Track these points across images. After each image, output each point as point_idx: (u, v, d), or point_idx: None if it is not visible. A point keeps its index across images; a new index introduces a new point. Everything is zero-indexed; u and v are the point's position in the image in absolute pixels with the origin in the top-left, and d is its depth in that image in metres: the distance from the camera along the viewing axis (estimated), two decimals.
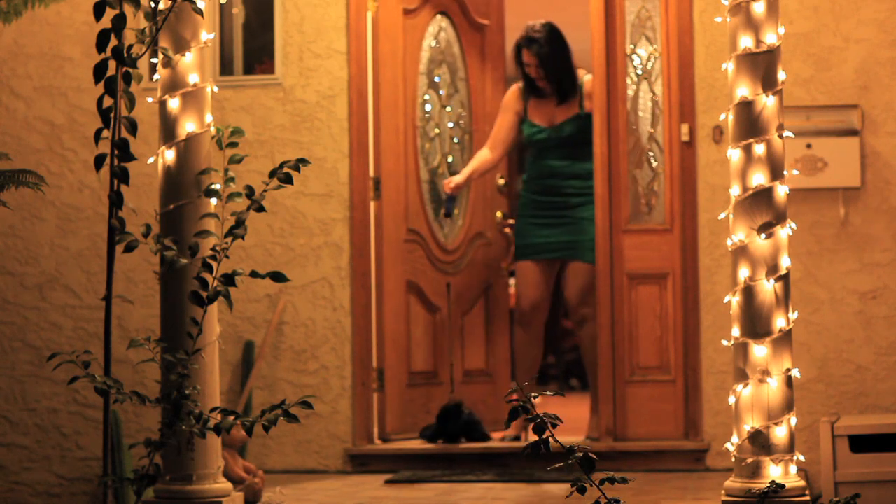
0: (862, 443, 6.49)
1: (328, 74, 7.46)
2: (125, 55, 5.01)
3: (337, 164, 7.44)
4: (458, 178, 7.58)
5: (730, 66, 5.27)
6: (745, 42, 5.22)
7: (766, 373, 5.16)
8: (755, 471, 5.15)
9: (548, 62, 7.50)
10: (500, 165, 8.00)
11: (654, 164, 7.35)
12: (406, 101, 7.70)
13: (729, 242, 5.25)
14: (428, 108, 7.88)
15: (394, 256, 7.53)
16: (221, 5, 7.38)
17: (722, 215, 5.37)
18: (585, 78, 7.57)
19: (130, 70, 5.04)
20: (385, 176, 7.51)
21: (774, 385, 5.16)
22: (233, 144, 5.19)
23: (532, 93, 7.61)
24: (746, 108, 5.21)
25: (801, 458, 5.24)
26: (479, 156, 7.68)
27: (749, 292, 5.19)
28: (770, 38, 5.22)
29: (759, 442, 5.15)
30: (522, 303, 7.62)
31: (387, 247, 7.50)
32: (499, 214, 8.09)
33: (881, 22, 7.12)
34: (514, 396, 4.58)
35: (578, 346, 8.05)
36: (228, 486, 5.38)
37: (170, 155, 5.30)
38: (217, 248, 5.08)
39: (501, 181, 8.10)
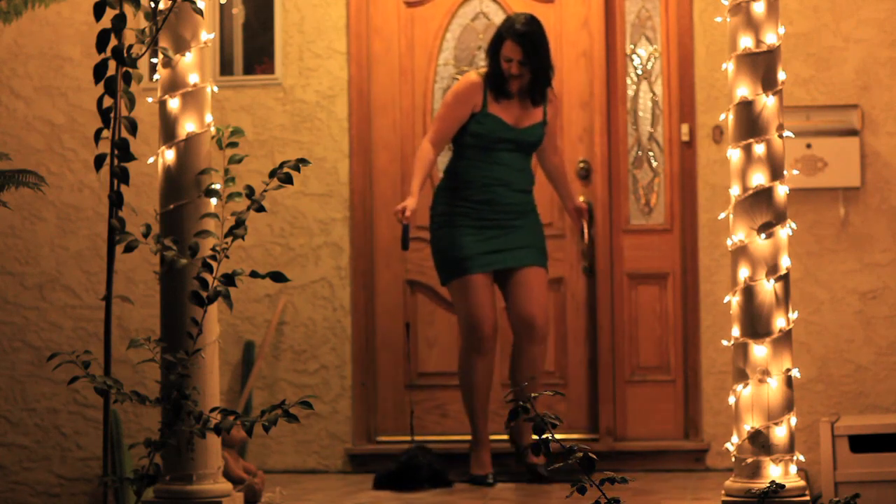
0: (862, 443, 6.49)
1: (328, 74, 7.46)
2: (125, 55, 5.01)
3: (337, 164, 7.44)
4: (411, 204, 6.50)
5: (730, 66, 5.27)
6: (745, 42, 5.22)
7: (766, 373, 5.15)
8: (755, 471, 5.15)
9: (534, 61, 6.64)
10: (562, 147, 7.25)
11: (654, 164, 7.35)
12: (414, 95, 7.59)
13: (729, 242, 5.25)
14: None
15: (387, 255, 7.50)
16: (221, 5, 7.38)
17: (722, 215, 5.37)
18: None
19: (130, 70, 5.04)
20: (378, 175, 7.49)
21: (774, 385, 5.16)
22: (233, 144, 5.19)
23: (494, 89, 6.69)
24: (746, 108, 5.21)
25: (801, 458, 5.23)
26: (424, 159, 6.66)
27: (749, 292, 5.18)
28: (770, 38, 5.22)
29: (759, 442, 5.15)
30: (483, 325, 6.60)
31: (378, 245, 7.47)
32: (580, 199, 7.20)
33: (881, 22, 7.12)
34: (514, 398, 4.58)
35: (519, 364, 6.74)
36: (228, 486, 5.38)
37: (170, 155, 5.30)
38: (217, 248, 5.08)
39: (581, 164, 7.37)
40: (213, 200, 5.29)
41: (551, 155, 6.90)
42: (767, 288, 5.17)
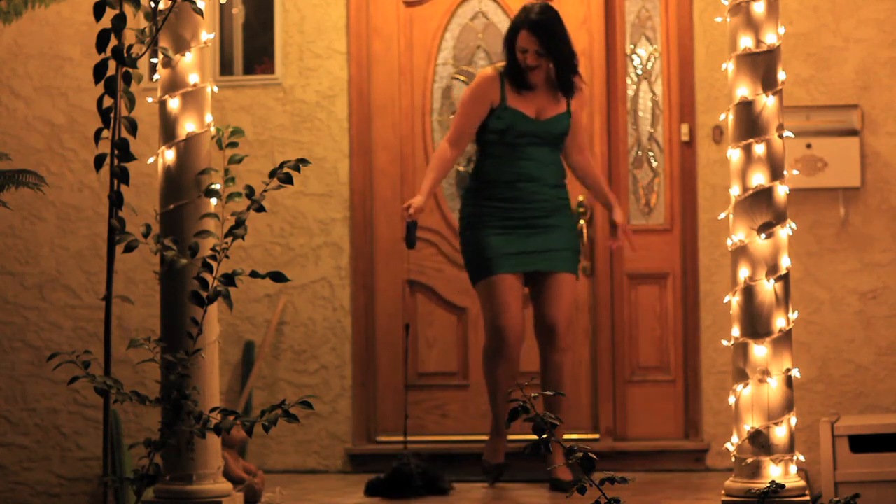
0: (862, 443, 6.49)
1: (328, 74, 7.46)
2: (125, 55, 5.01)
3: (337, 164, 7.44)
4: (417, 202, 6.35)
5: (730, 66, 5.26)
6: (745, 42, 5.21)
7: (766, 373, 5.15)
8: (755, 471, 5.15)
9: (551, 49, 6.38)
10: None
11: (654, 164, 7.35)
12: (413, 95, 7.58)
13: (729, 242, 5.25)
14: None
15: (387, 255, 7.49)
16: (221, 5, 7.38)
17: (722, 215, 5.37)
18: None
19: (130, 70, 5.04)
20: (378, 175, 7.49)
21: (774, 385, 5.16)
22: (233, 144, 5.19)
23: (513, 83, 6.47)
24: (746, 108, 5.21)
25: (801, 458, 5.23)
26: (440, 158, 6.49)
27: (749, 292, 5.18)
28: (770, 38, 5.22)
29: (759, 442, 5.15)
30: (506, 329, 6.38)
31: (378, 246, 7.47)
32: (580, 198, 7.20)
33: (881, 22, 7.12)
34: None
35: (544, 376, 6.52)
36: (228, 486, 5.38)
37: (170, 155, 5.30)
38: (217, 248, 5.08)
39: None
40: (213, 200, 5.29)
41: (574, 153, 6.61)
42: (767, 288, 5.17)
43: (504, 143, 6.45)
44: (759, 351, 5.16)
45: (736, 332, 5.22)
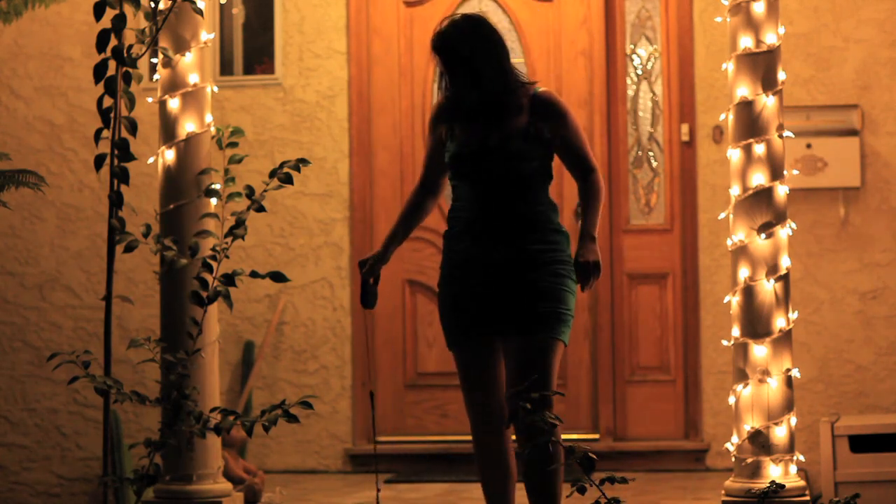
0: (862, 443, 6.49)
1: (328, 74, 7.46)
2: (125, 55, 5.01)
3: (337, 164, 7.44)
4: (373, 255, 5.05)
5: (730, 66, 5.27)
6: (745, 42, 5.22)
7: (766, 373, 5.16)
8: (755, 471, 5.15)
9: (464, 65, 4.86)
10: None
11: (654, 164, 7.35)
12: (413, 95, 7.58)
13: (729, 242, 5.25)
14: None
15: None
16: (221, 5, 7.38)
17: (722, 215, 5.37)
18: (539, 90, 4.87)
19: (130, 70, 5.04)
20: (378, 175, 7.50)
21: (774, 385, 5.16)
22: (233, 144, 5.19)
23: (460, 109, 4.90)
24: (746, 108, 5.21)
25: (801, 458, 5.24)
26: (406, 201, 5.10)
27: (749, 292, 5.18)
28: (770, 38, 5.22)
29: (759, 442, 5.15)
30: (474, 409, 4.85)
31: (378, 246, 7.44)
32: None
33: (881, 22, 7.12)
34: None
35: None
36: (228, 486, 5.38)
37: (170, 155, 5.31)
38: (217, 248, 5.08)
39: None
40: (213, 200, 5.30)
41: (575, 179, 4.94)
42: (767, 288, 5.17)
43: (458, 178, 4.94)
44: (759, 351, 5.16)
45: (736, 332, 5.22)
